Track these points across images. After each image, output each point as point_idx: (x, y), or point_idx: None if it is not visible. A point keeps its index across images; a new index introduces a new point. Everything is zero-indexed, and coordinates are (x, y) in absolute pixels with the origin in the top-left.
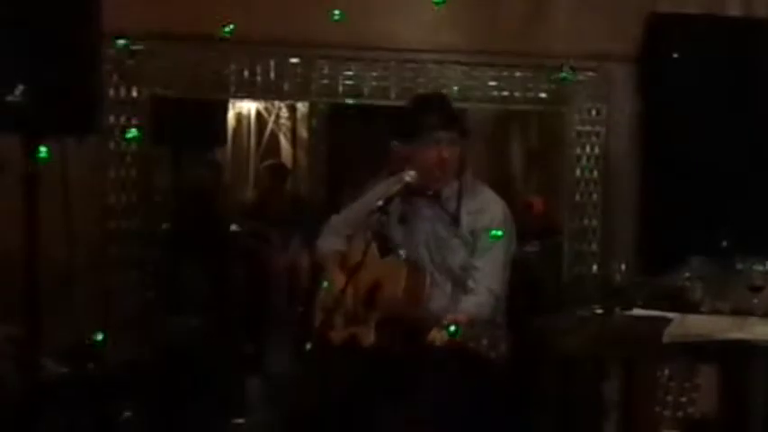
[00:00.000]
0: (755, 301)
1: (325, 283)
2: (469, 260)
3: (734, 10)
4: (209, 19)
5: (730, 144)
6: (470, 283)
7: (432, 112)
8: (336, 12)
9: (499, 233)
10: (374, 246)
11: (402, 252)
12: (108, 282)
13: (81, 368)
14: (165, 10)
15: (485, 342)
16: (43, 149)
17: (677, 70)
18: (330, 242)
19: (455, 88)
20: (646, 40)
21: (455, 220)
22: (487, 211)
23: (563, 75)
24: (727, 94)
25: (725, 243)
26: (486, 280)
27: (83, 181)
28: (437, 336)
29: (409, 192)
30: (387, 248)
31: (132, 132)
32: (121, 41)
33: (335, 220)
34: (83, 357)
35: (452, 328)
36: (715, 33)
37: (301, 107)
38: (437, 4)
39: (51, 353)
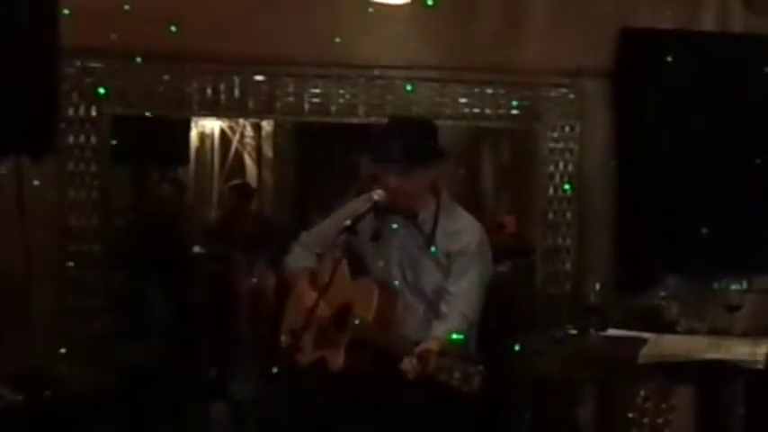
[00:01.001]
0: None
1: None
2: (443, 284)
3: (709, 24)
4: (171, 36)
5: (708, 161)
6: (443, 308)
7: (393, 140)
8: None
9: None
10: (345, 265)
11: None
12: (67, 305)
13: (37, 395)
14: (124, 27)
15: (457, 375)
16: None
17: (652, 86)
18: (300, 259)
19: (425, 105)
20: (620, 56)
21: (429, 241)
22: (464, 235)
23: None
24: (703, 110)
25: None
26: (460, 306)
27: (41, 202)
28: (409, 367)
29: (383, 209)
30: (358, 269)
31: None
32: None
33: (306, 236)
34: (40, 384)
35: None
36: (690, 48)
37: (266, 126)
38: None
39: (6, 379)
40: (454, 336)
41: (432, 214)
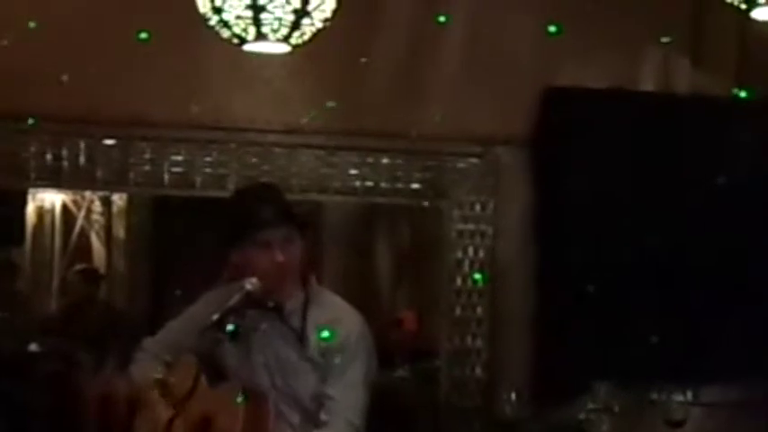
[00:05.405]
0: None
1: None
2: (321, 388)
3: (648, 83)
4: (4, 93)
5: (642, 245)
6: (323, 416)
7: (257, 205)
8: None
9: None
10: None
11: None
12: None
13: None
14: None
15: None
16: None
17: (580, 155)
18: (145, 369)
19: (309, 176)
20: (542, 119)
21: (300, 339)
22: (339, 327)
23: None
24: (638, 184)
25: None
26: (344, 412)
27: None
28: None
29: (246, 303)
30: (216, 374)
31: None
32: None
33: (149, 344)
34: None
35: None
36: (626, 110)
37: (118, 200)
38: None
39: None
40: None
41: (300, 305)
